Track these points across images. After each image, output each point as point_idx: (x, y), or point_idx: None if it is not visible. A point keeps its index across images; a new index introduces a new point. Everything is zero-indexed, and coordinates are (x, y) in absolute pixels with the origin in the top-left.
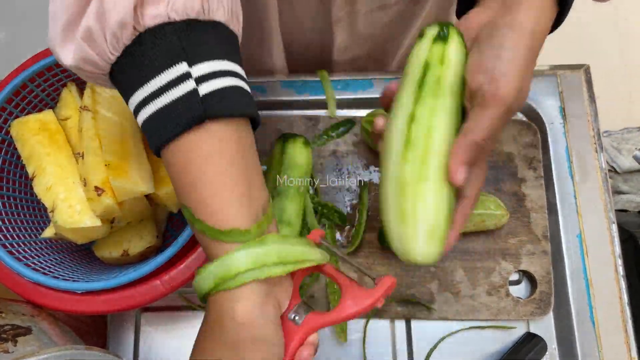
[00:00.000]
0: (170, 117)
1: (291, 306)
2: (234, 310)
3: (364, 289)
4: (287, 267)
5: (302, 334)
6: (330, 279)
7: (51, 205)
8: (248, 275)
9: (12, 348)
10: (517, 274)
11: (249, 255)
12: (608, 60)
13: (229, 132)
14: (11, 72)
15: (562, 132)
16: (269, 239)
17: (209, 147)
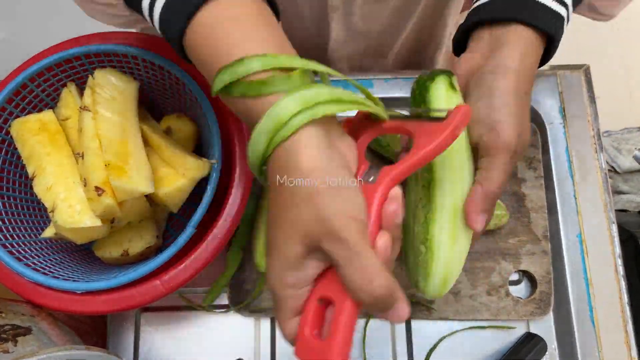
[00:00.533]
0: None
1: (360, 172)
2: (297, 160)
3: (436, 124)
4: (344, 106)
5: (383, 188)
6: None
7: (51, 205)
8: (302, 117)
9: (12, 348)
10: (517, 274)
11: (298, 98)
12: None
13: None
14: (11, 72)
15: (562, 132)
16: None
17: (231, 11)
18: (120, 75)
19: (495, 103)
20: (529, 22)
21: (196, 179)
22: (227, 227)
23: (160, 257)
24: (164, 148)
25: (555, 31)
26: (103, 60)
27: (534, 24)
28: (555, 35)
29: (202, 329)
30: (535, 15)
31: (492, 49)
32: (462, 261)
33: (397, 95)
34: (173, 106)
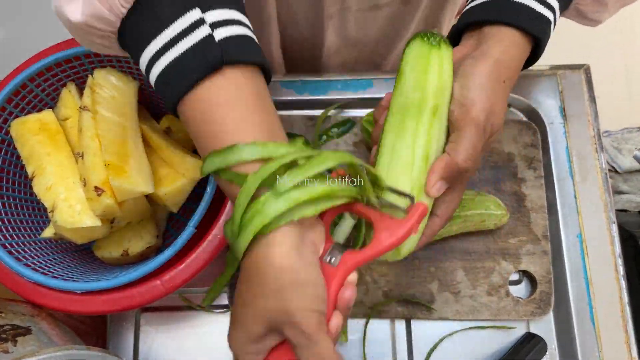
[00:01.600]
0: (186, 66)
1: (325, 249)
2: (271, 256)
3: (396, 220)
4: (319, 206)
5: (341, 273)
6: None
7: (51, 205)
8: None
9: (12, 348)
10: (517, 274)
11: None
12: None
13: (246, 80)
14: (11, 72)
15: (562, 132)
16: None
17: (227, 94)
18: (120, 75)
19: (468, 83)
20: (516, 25)
21: (196, 179)
22: None
23: (160, 257)
24: (164, 148)
25: (541, 33)
26: (103, 60)
27: (522, 26)
28: (541, 37)
29: (202, 329)
30: (523, 17)
31: (479, 43)
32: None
33: None
34: None
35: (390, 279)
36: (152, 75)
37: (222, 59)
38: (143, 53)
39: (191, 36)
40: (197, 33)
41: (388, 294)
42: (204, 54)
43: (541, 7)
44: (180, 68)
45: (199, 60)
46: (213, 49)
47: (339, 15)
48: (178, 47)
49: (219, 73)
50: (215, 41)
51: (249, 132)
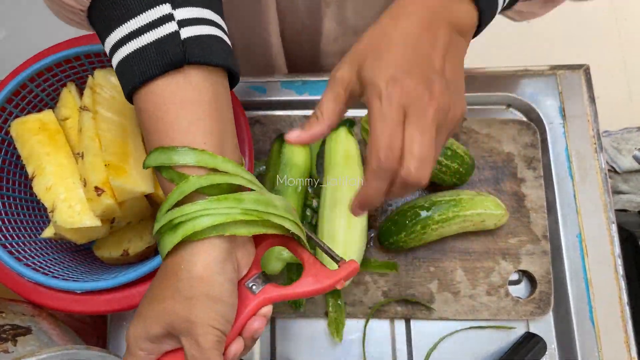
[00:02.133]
0: (147, 59)
1: (250, 274)
2: (192, 263)
3: (326, 269)
4: (253, 229)
5: (257, 303)
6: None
7: (51, 205)
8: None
9: (12, 348)
10: (517, 274)
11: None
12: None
13: (207, 82)
14: (11, 72)
15: (562, 132)
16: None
17: (184, 93)
18: None
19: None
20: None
21: None
22: None
23: (160, 257)
24: None
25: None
26: (103, 60)
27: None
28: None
29: None
30: None
31: None
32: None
33: None
34: None
35: (390, 279)
36: (114, 60)
37: (185, 58)
38: (108, 38)
39: (157, 30)
40: (163, 28)
41: (388, 293)
42: (166, 51)
43: None
44: (142, 59)
45: (161, 55)
46: (176, 47)
47: (337, 2)
48: (142, 39)
49: (180, 71)
50: (181, 39)
51: (198, 137)
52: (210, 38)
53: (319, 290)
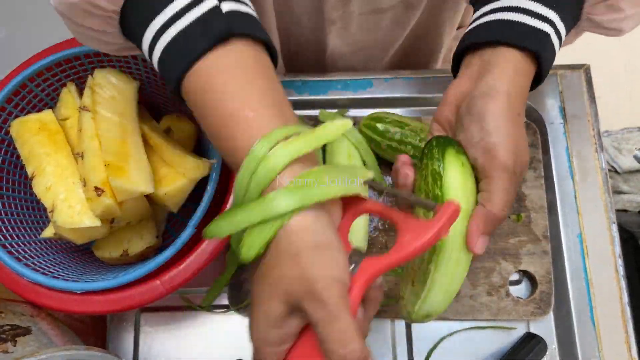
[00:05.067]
0: (193, 37)
1: None
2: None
3: (422, 220)
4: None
5: (362, 282)
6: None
7: (51, 205)
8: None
9: (12, 348)
10: (517, 274)
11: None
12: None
13: (252, 52)
14: (11, 71)
15: (562, 132)
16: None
17: (231, 61)
18: (120, 75)
19: (487, 126)
20: (512, 43)
21: (196, 179)
22: None
23: (160, 257)
24: (164, 148)
25: (540, 48)
26: (103, 60)
27: (517, 43)
28: (541, 52)
29: (202, 329)
30: (518, 35)
31: (480, 73)
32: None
33: (396, 95)
34: (173, 106)
35: (390, 279)
36: (156, 51)
37: (230, 29)
38: (147, 29)
39: (198, 8)
40: (203, 5)
41: (388, 294)
42: (210, 25)
43: (535, 20)
44: (186, 40)
45: (206, 31)
46: (220, 20)
47: (342, 20)
48: (184, 19)
49: (225, 45)
50: (222, 12)
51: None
52: (247, 15)
53: (424, 246)
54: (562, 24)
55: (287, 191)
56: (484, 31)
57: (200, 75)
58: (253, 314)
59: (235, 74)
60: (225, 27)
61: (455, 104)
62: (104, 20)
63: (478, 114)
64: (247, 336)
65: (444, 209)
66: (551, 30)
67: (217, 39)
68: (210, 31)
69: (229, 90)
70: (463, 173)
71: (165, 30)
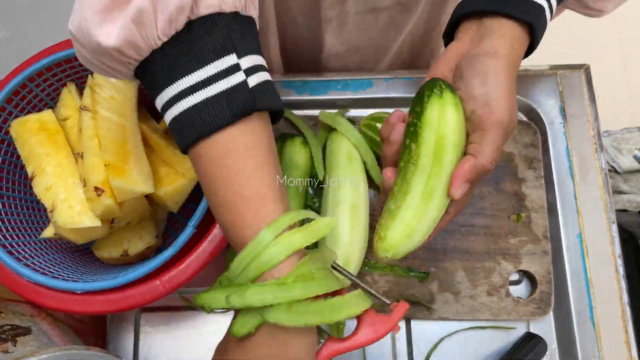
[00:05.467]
0: (217, 108)
1: None
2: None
3: (380, 315)
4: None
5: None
6: None
7: (51, 205)
8: None
9: (12, 348)
10: (517, 274)
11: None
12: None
13: (263, 126)
14: (11, 72)
15: (562, 132)
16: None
17: (247, 140)
18: None
19: (489, 81)
20: (510, 14)
21: (196, 179)
22: None
23: (160, 257)
24: (164, 148)
25: (535, 20)
26: None
27: (515, 15)
28: (535, 25)
29: (202, 329)
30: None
31: (481, 36)
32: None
33: (396, 95)
34: None
35: (390, 279)
36: (174, 110)
37: (255, 105)
38: (168, 87)
39: (226, 80)
40: (232, 78)
41: (388, 294)
42: (237, 100)
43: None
44: (211, 109)
45: (232, 104)
46: (247, 96)
47: (338, 19)
48: (212, 88)
49: (244, 120)
50: (249, 87)
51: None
52: (266, 84)
53: (378, 338)
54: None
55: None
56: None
57: (218, 147)
58: None
59: (253, 154)
60: (250, 104)
61: (454, 62)
62: (123, 64)
63: (481, 69)
64: None
65: (398, 308)
66: (546, 5)
67: (241, 115)
68: (235, 106)
69: (246, 171)
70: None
71: (191, 93)
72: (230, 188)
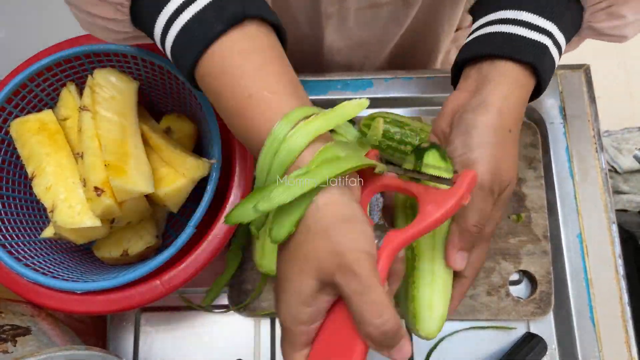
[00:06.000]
0: (207, 20)
1: None
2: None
3: (442, 190)
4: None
5: (388, 254)
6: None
7: (51, 205)
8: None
9: (12, 348)
10: (517, 274)
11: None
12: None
13: (265, 35)
14: (11, 71)
15: (562, 132)
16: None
17: (246, 44)
18: (120, 75)
19: (471, 141)
20: (509, 56)
21: (196, 179)
22: (227, 227)
23: (160, 257)
24: (164, 148)
25: (536, 60)
26: (103, 60)
27: (514, 56)
28: (538, 65)
29: (202, 329)
30: (515, 48)
31: (477, 87)
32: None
33: (396, 95)
34: (173, 106)
35: None
36: (170, 37)
37: (244, 12)
38: (160, 15)
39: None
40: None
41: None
42: (225, 8)
43: (533, 32)
44: (200, 24)
45: (220, 14)
46: (234, 3)
47: (338, 15)
48: (197, 3)
49: (239, 28)
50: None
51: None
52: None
53: (447, 214)
54: (561, 34)
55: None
56: (482, 44)
57: (216, 59)
58: (282, 293)
59: (251, 57)
60: (240, 10)
61: (450, 116)
62: (115, 8)
63: (465, 128)
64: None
65: (463, 177)
66: (549, 41)
67: (231, 23)
68: (224, 15)
69: (246, 73)
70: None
71: (179, 15)
72: (236, 93)
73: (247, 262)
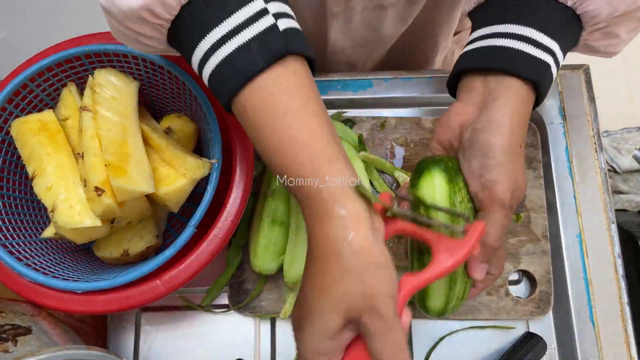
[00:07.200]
0: (250, 54)
1: None
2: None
3: (454, 240)
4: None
5: (403, 296)
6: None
7: (51, 205)
8: None
9: (12, 348)
10: (517, 274)
11: None
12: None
13: (304, 70)
14: (11, 72)
15: (562, 132)
16: None
17: (289, 82)
18: (120, 75)
19: (489, 163)
20: (516, 73)
21: (196, 179)
22: (227, 227)
23: (160, 257)
24: (164, 148)
25: (541, 78)
26: (103, 60)
27: (521, 74)
28: (541, 83)
29: (202, 329)
30: (522, 65)
31: (485, 102)
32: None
33: (396, 95)
34: (173, 106)
35: None
36: (210, 64)
37: (286, 48)
38: (202, 42)
39: (256, 25)
40: (261, 22)
41: None
42: (268, 43)
43: (539, 51)
44: (244, 56)
45: (264, 49)
46: (278, 38)
47: (344, 15)
48: (242, 35)
49: (281, 63)
50: (280, 30)
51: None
52: (297, 30)
53: (457, 263)
54: (561, 53)
55: None
56: (489, 57)
57: (261, 93)
58: (308, 326)
59: (294, 96)
60: (283, 47)
61: (459, 129)
62: (154, 28)
63: (481, 149)
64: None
65: (474, 228)
66: (552, 60)
67: (275, 58)
68: (268, 50)
69: (290, 112)
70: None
71: (222, 44)
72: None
73: (247, 262)
